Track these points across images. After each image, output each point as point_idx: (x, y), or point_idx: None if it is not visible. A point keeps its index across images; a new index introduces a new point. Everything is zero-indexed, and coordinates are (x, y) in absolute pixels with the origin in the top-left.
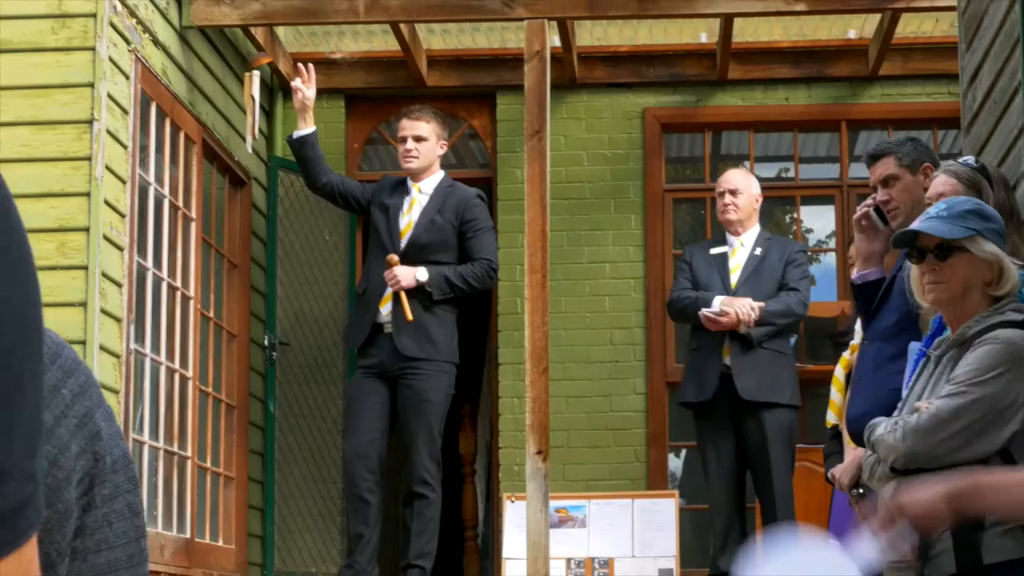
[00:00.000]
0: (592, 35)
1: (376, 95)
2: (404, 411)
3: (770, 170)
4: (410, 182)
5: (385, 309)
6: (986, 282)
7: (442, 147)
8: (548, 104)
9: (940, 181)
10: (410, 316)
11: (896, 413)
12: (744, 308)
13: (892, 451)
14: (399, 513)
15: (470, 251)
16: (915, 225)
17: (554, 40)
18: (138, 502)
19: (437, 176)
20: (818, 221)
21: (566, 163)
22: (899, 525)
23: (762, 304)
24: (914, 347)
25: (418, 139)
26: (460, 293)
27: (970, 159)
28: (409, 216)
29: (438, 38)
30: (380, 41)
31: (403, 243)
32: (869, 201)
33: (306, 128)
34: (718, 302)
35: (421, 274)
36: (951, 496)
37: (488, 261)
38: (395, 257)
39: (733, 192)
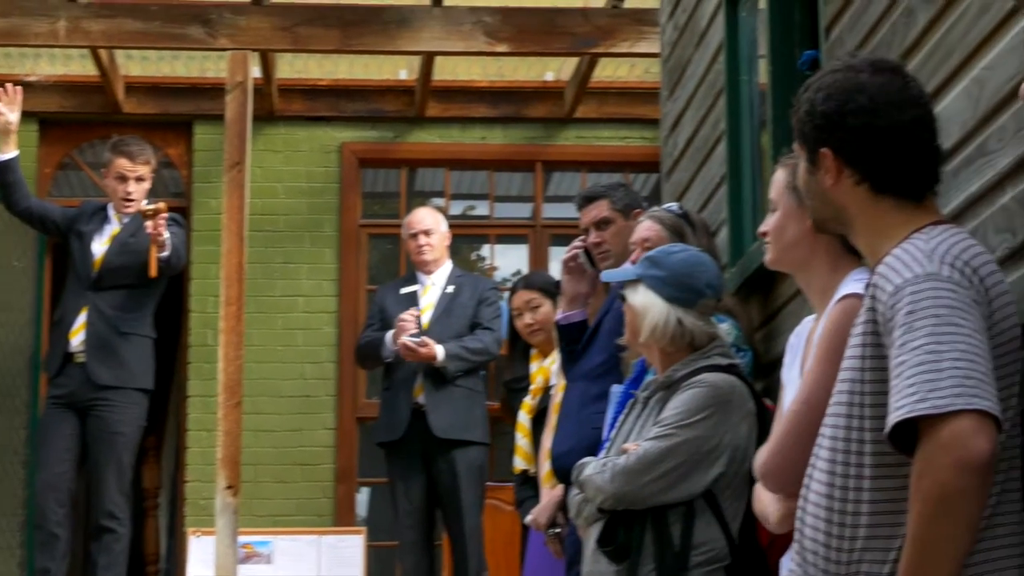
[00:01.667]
0: (292, 67)
1: (71, 120)
2: (94, 443)
3: (464, 208)
4: (110, 210)
5: (77, 339)
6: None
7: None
8: (249, 135)
9: (644, 226)
10: (154, 271)
11: (603, 454)
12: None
13: (600, 492)
14: (84, 547)
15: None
16: (611, 269)
17: (254, 71)
18: None
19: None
20: (511, 260)
21: (262, 195)
22: None
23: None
24: (616, 389)
25: (140, 180)
26: (173, 269)
27: (674, 205)
28: (105, 245)
29: (136, 64)
30: (77, 65)
31: (96, 272)
32: (578, 243)
33: (8, 152)
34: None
35: (168, 235)
36: None
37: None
38: (163, 204)
39: (427, 233)
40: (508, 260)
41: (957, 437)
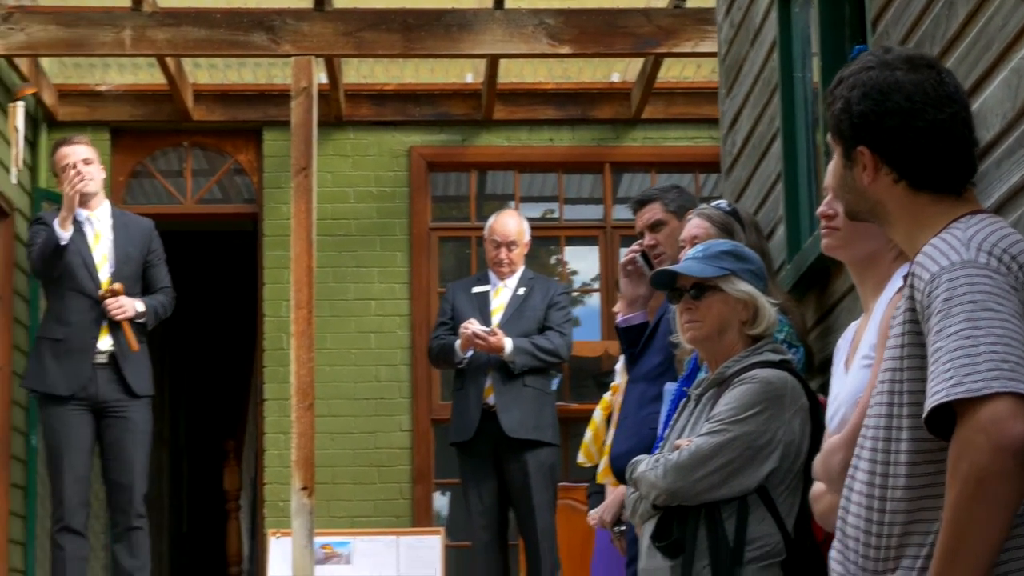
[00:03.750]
0: (359, 72)
1: (142, 128)
2: (121, 444)
3: (535, 210)
4: (82, 212)
5: (104, 343)
6: (742, 321)
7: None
8: (315, 141)
9: (693, 224)
10: (136, 345)
11: (657, 451)
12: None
13: (653, 488)
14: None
15: (153, 280)
16: (671, 265)
17: (320, 77)
18: None
19: (106, 203)
20: (582, 262)
21: (332, 200)
22: None
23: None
24: (669, 388)
25: (87, 162)
26: (158, 322)
27: (723, 202)
28: (100, 248)
29: (204, 72)
30: (146, 74)
31: (102, 276)
32: (635, 246)
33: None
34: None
35: (139, 304)
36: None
37: (170, 289)
38: (119, 285)
39: (511, 245)
40: (579, 262)
41: (994, 420)
